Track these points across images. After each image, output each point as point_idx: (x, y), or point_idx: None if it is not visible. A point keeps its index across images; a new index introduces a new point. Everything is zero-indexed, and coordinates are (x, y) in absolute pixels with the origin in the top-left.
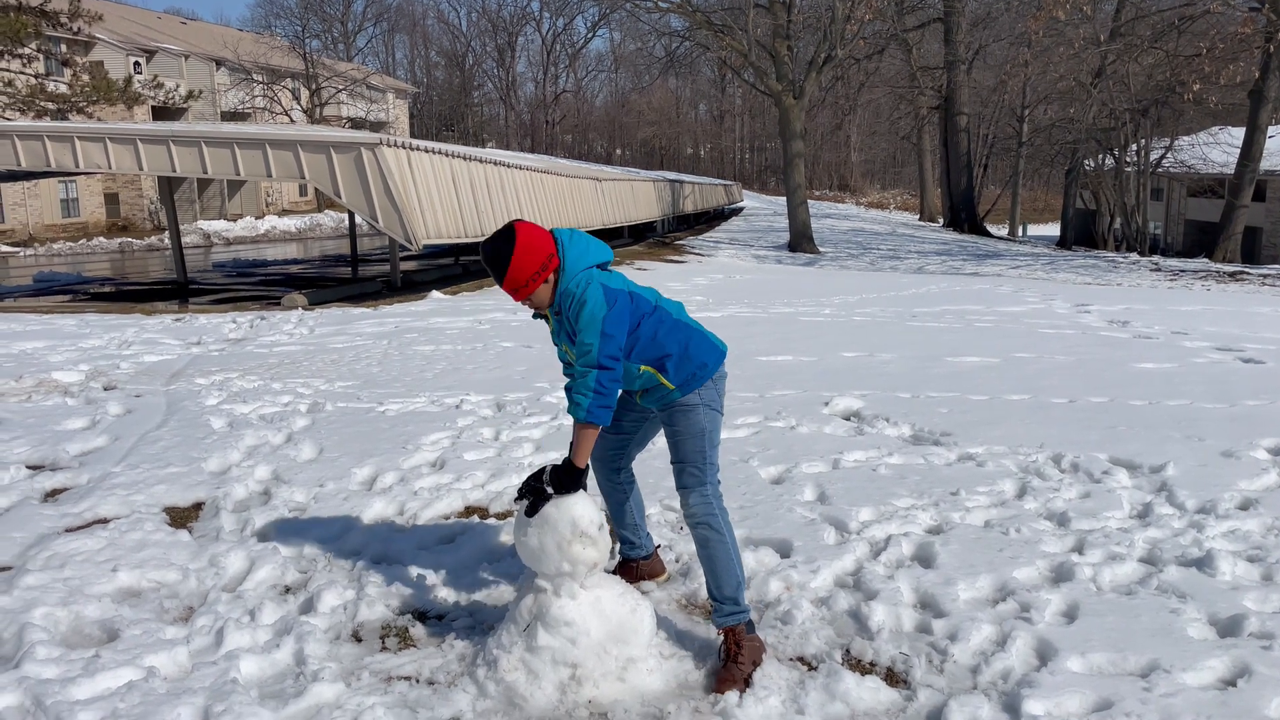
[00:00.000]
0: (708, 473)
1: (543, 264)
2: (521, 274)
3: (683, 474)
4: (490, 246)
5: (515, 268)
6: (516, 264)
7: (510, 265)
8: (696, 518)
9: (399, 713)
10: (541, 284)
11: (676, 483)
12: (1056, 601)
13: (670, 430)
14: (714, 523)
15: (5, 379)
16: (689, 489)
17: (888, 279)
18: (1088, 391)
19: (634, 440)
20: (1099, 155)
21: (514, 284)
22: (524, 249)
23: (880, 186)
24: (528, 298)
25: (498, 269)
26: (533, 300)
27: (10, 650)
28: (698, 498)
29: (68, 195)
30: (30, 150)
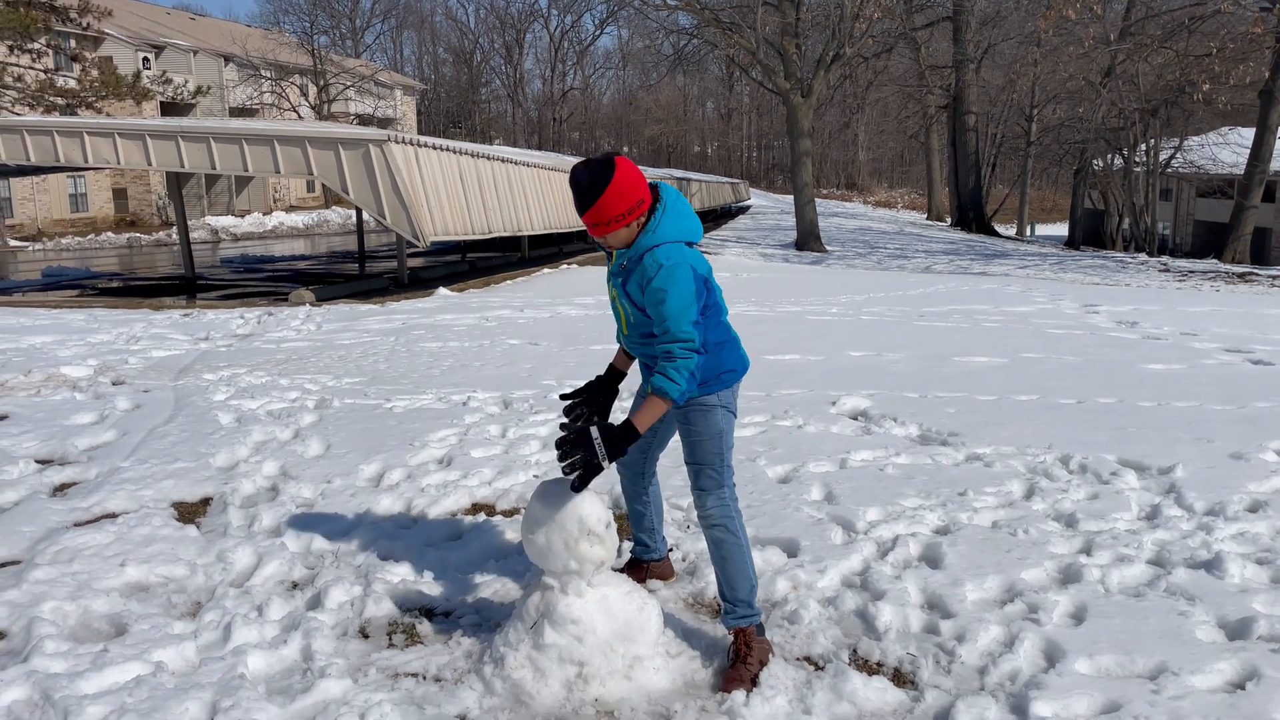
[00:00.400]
0: (725, 475)
1: (631, 207)
2: (607, 210)
3: (700, 476)
4: (585, 172)
5: (604, 201)
6: (607, 198)
7: (600, 197)
8: (713, 520)
9: (406, 709)
10: (623, 227)
11: (693, 484)
12: (1064, 603)
13: (687, 430)
14: (730, 525)
15: (14, 373)
16: (706, 491)
17: (895, 278)
18: (1096, 392)
19: (655, 444)
20: (1108, 155)
21: (596, 218)
22: (620, 185)
23: (887, 185)
24: (603, 236)
25: (586, 198)
26: (607, 240)
27: (19, 644)
28: (715, 500)
29: (76, 190)
30: (39, 145)
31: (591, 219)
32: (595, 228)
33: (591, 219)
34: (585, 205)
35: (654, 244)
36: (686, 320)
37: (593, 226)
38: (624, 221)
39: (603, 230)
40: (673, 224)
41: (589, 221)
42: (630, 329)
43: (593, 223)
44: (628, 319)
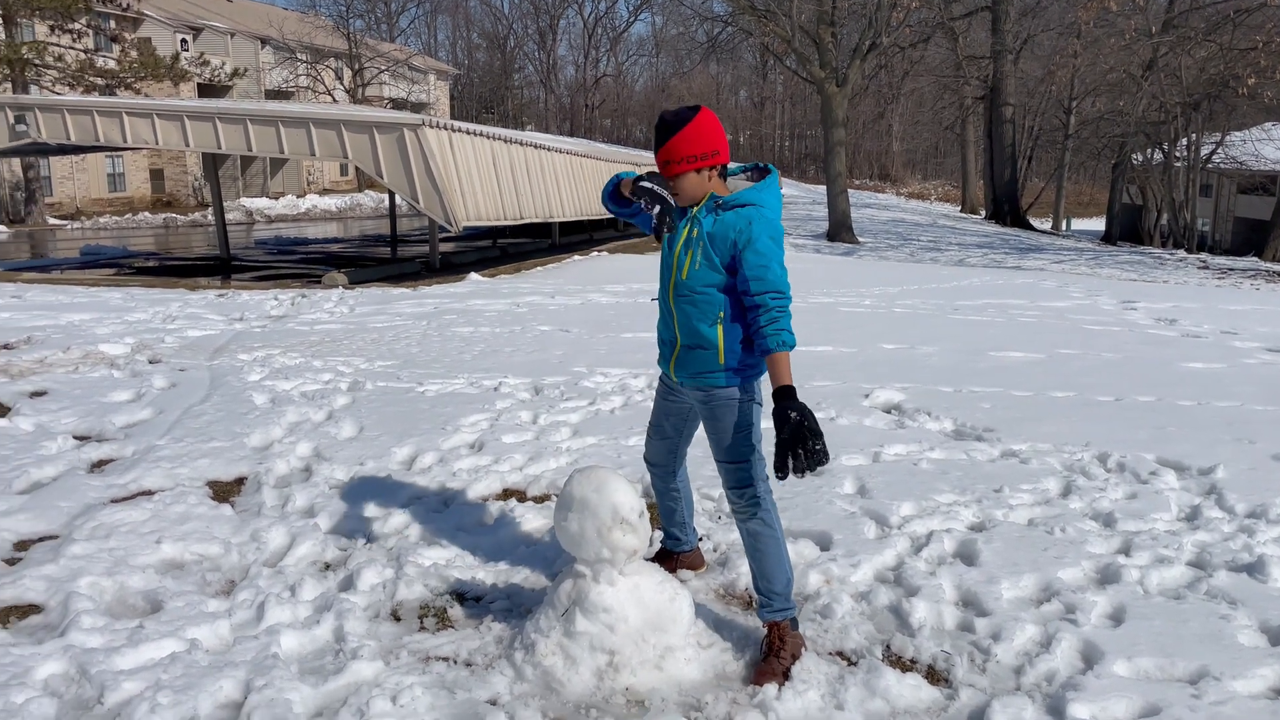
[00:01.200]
0: (759, 468)
1: (705, 153)
2: (679, 148)
3: (735, 473)
4: (672, 111)
5: (679, 139)
6: (683, 135)
7: (677, 134)
8: (750, 513)
9: (437, 693)
10: (692, 171)
11: (728, 481)
12: (1102, 604)
13: (716, 426)
14: (767, 518)
15: (53, 350)
16: (740, 488)
17: (928, 271)
18: (1134, 390)
19: (681, 440)
20: (1147, 149)
21: (668, 154)
22: (698, 127)
23: (921, 177)
24: (674, 177)
25: (666, 132)
26: (678, 183)
27: (56, 618)
28: (750, 495)
29: (114, 170)
30: (79, 125)
31: (664, 155)
32: (665, 166)
33: (664, 155)
34: (664, 138)
35: (760, 203)
36: (783, 272)
37: (663, 165)
38: (693, 164)
39: (672, 169)
40: (773, 198)
41: (661, 159)
42: (691, 275)
43: (664, 160)
44: (693, 263)
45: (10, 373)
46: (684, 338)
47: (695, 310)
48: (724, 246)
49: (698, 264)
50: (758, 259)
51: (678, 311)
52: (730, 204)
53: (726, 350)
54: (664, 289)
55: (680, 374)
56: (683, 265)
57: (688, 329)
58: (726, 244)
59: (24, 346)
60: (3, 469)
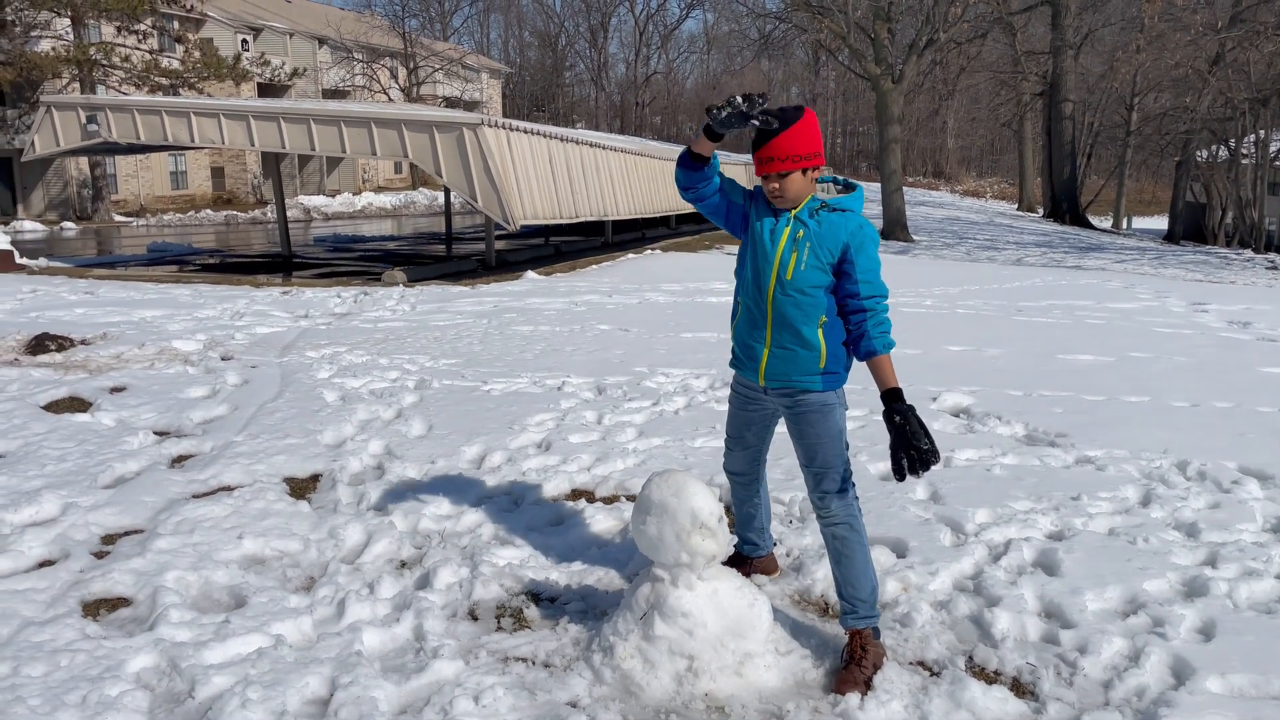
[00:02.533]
0: (848, 476)
1: (813, 152)
2: (787, 145)
3: (824, 479)
4: (781, 109)
5: (789, 135)
6: (794, 132)
7: (787, 130)
8: (838, 519)
9: (518, 694)
10: (798, 170)
11: (815, 488)
12: (1191, 617)
13: (807, 432)
14: (855, 524)
15: (129, 346)
16: (830, 494)
17: (987, 270)
18: (1211, 396)
19: (764, 447)
20: (1213, 146)
21: (776, 151)
22: (807, 126)
23: (976, 174)
24: (779, 174)
25: (770, 132)
26: (784, 183)
27: (144, 611)
28: (840, 502)
29: (177, 168)
30: (149, 124)
31: (770, 151)
32: (772, 162)
33: (770, 151)
34: (767, 136)
35: (858, 212)
36: (881, 277)
37: (768, 161)
38: (800, 164)
39: (778, 166)
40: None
41: (767, 155)
42: (797, 275)
43: (770, 156)
44: (799, 264)
45: (89, 368)
46: (781, 339)
47: (799, 312)
48: (834, 247)
49: (804, 264)
50: (869, 263)
51: (776, 312)
52: (836, 207)
53: (829, 354)
54: (758, 289)
55: (770, 379)
56: (787, 264)
57: (788, 330)
58: (837, 245)
59: (100, 342)
60: (88, 463)
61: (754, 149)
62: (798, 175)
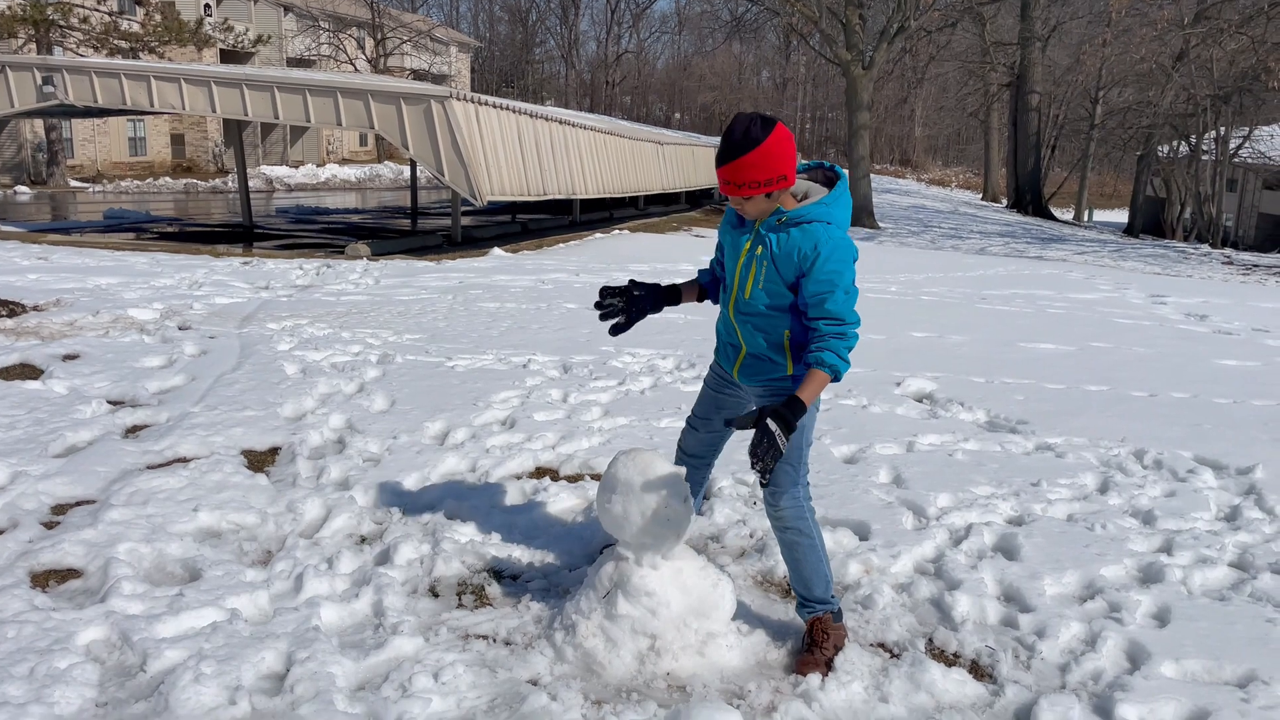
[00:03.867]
0: (800, 473)
1: (771, 178)
2: (745, 171)
3: (780, 474)
4: (741, 125)
5: (747, 160)
6: (752, 158)
7: (745, 155)
8: (786, 522)
9: (478, 671)
10: (759, 195)
11: (771, 481)
12: (1147, 603)
13: None
14: (804, 526)
15: (83, 313)
16: (781, 489)
17: (951, 258)
18: (1169, 386)
19: (727, 435)
20: (1174, 142)
21: (732, 175)
22: (771, 149)
23: (943, 163)
24: (737, 199)
25: (730, 151)
26: (742, 206)
27: (96, 583)
28: (789, 500)
29: (135, 134)
30: (107, 88)
31: (727, 174)
32: (728, 186)
33: (727, 174)
34: (727, 158)
35: (827, 220)
36: (853, 303)
37: (725, 184)
38: (759, 190)
39: (734, 191)
40: (843, 211)
41: (724, 177)
42: (754, 295)
43: (727, 179)
44: (755, 283)
45: (41, 335)
46: (752, 348)
47: (759, 331)
48: (789, 267)
49: (760, 284)
50: (818, 286)
51: (740, 326)
52: (797, 220)
53: (795, 363)
54: (724, 304)
55: (745, 379)
56: (744, 285)
57: (753, 343)
58: (792, 265)
59: (54, 309)
60: (39, 431)
61: (716, 165)
62: (759, 199)
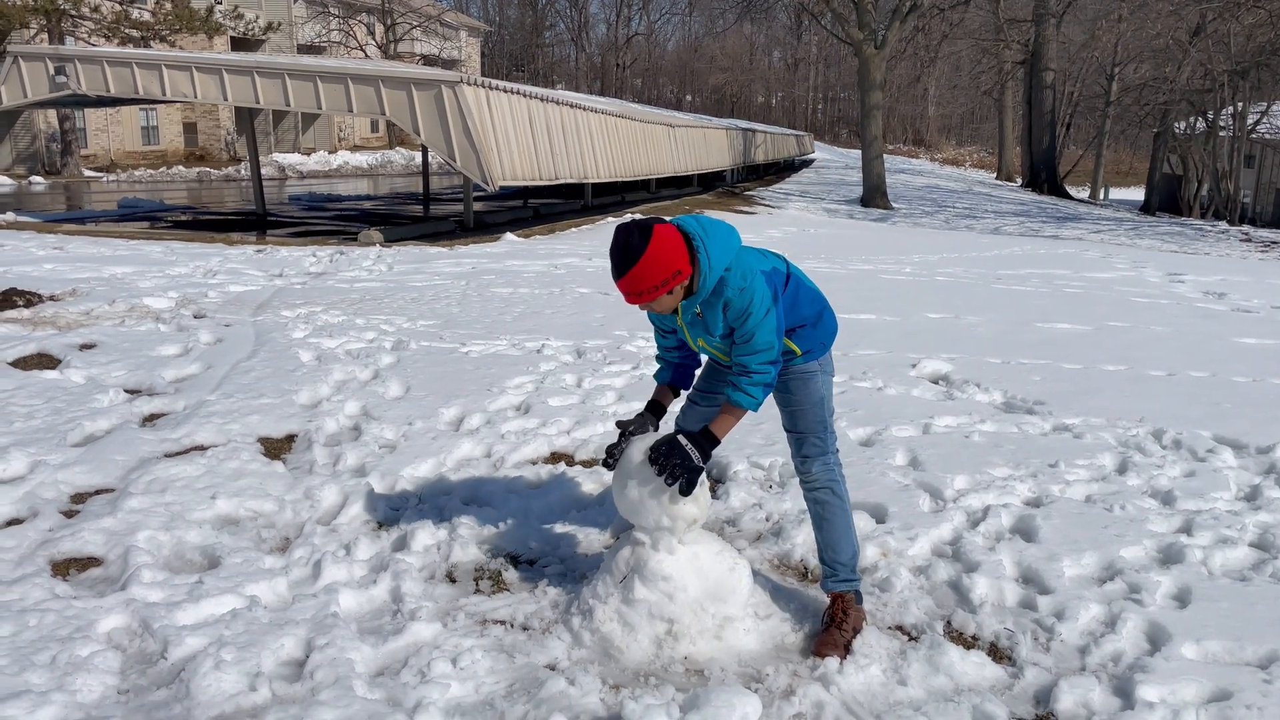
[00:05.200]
0: (829, 441)
1: (667, 278)
2: (642, 279)
3: (804, 444)
4: (622, 238)
5: (639, 270)
6: (642, 267)
7: (635, 266)
8: (819, 483)
9: (496, 656)
10: (663, 294)
11: (796, 452)
12: (1167, 584)
13: (787, 399)
14: (837, 488)
15: (99, 302)
16: (811, 458)
17: (965, 238)
18: (1187, 365)
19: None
20: (1191, 118)
21: (631, 286)
22: (655, 254)
23: (956, 143)
24: (645, 304)
25: (622, 263)
26: (651, 308)
27: (116, 571)
28: (820, 466)
29: (148, 123)
30: (119, 77)
31: (624, 288)
32: (631, 296)
33: (624, 288)
34: (617, 275)
35: (718, 276)
36: (769, 330)
37: (630, 295)
38: (661, 290)
39: (639, 299)
40: (718, 249)
41: (625, 289)
42: (712, 351)
43: (629, 290)
44: (709, 346)
45: (58, 325)
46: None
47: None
48: (718, 322)
49: (717, 350)
50: (743, 330)
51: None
52: (706, 294)
53: (799, 343)
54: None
55: None
56: (701, 348)
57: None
58: (719, 319)
59: (70, 299)
60: (57, 421)
61: (614, 280)
62: (662, 296)
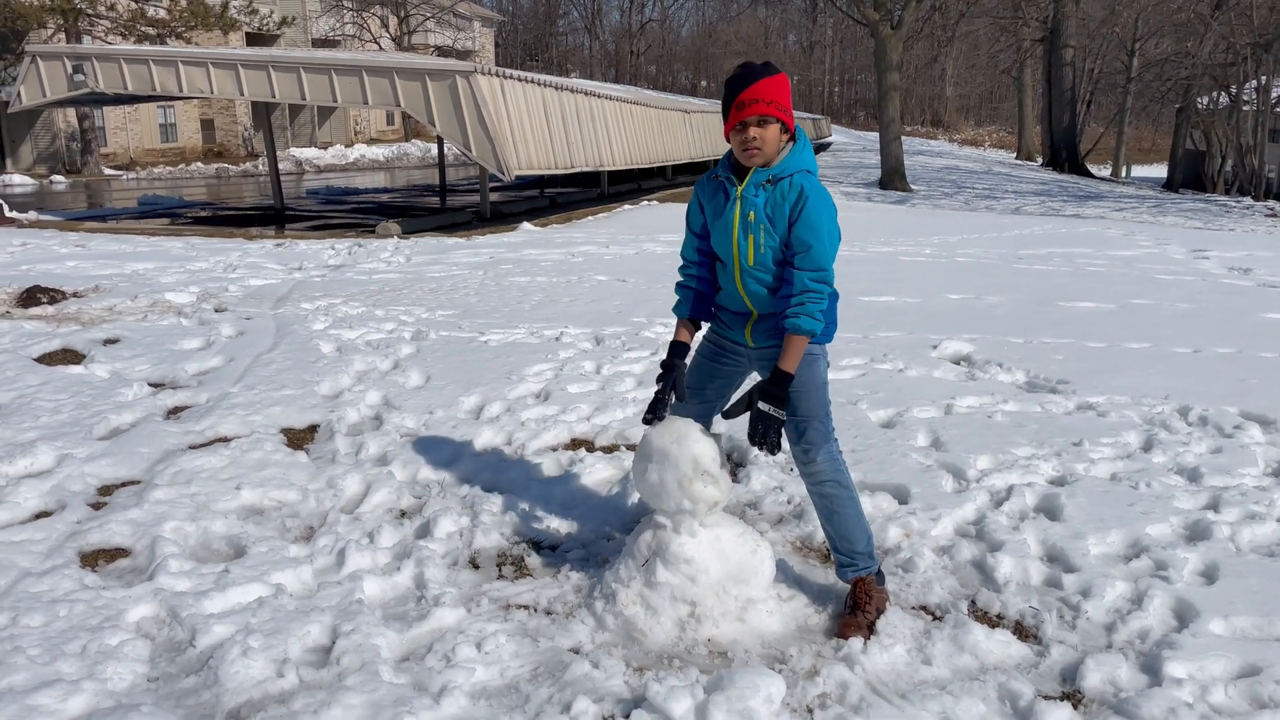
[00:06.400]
0: (830, 428)
1: (788, 105)
2: (770, 89)
3: (808, 430)
4: (753, 63)
5: (770, 81)
6: (776, 79)
7: (767, 77)
8: (824, 475)
9: (520, 641)
10: (776, 119)
11: (798, 439)
12: (1194, 561)
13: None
14: (842, 479)
15: (122, 298)
16: (815, 445)
17: (985, 219)
18: (1212, 341)
19: (720, 404)
20: (1214, 93)
21: (759, 93)
22: (784, 79)
23: (975, 122)
24: (760, 119)
25: (758, 71)
26: (764, 132)
27: (143, 562)
28: (825, 455)
29: (166, 120)
30: (136, 74)
31: (755, 93)
32: (756, 104)
33: (755, 93)
34: (748, 80)
35: (808, 169)
36: (829, 247)
37: (751, 104)
38: (779, 110)
39: (762, 109)
40: (813, 160)
41: (751, 96)
42: (757, 260)
43: (755, 97)
44: (756, 249)
45: (82, 320)
46: (761, 310)
47: (770, 290)
48: (783, 222)
49: (762, 248)
50: (805, 231)
51: (749, 292)
52: (781, 175)
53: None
54: (727, 274)
55: (760, 340)
56: (745, 251)
57: (765, 304)
58: (784, 218)
59: (93, 295)
60: (83, 415)
61: (733, 95)
62: (776, 128)
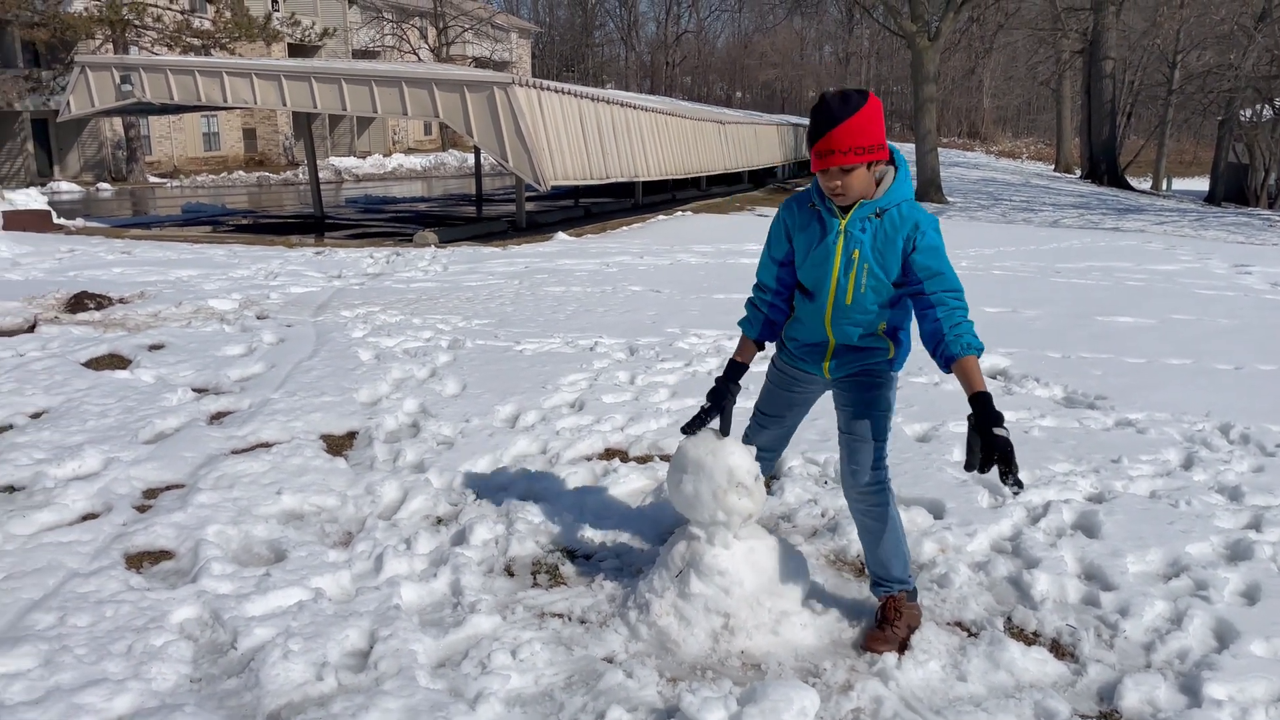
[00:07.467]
0: (884, 453)
1: (876, 144)
2: (856, 134)
3: (861, 452)
4: (838, 94)
5: (851, 124)
6: (857, 120)
7: (848, 119)
8: (871, 501)
9: (554, 649)
10: (862, 164)
11: (853, 458)
12: (1235, 581)
13: (862, 399)
14: (893, 501)
15: (166, 304)
16: (865, 469)
17: (1023, 231)
18: (1255, 359)
19: (798, 424)
20: (1257, 105)
21: (844, 141)
22: (871, 113)
23: (1012, 134)
24: (842, 169)
25: (841, 111)
26: (847, 180)
27: (187, 564)
28: (873, 479)
29: (209, 130)
30: (182, 85)
31: (831, 143)
32: (833, 155)
33: (831, 143)
34: (828, 125)
35: (912, 198)
36: (953, 270)
37: (828, 154)
38: (863, 156)
39: (839, 159)
40: (912, 188)
41: (826, 147)
42: (856, 300)
43: (830, 149)
44: (857, 288)
45: (128, 326)
46: (841, 341)
47: (862, 329)
48: (894, 256)
49: (863, 288)
50: (929, 258)
51: (836, 330)
52: (887, 207)
53: (899, 352)
54: (815, 310)
55: (839, 371)
56: (845, 289)
57: (847, 337)
58: (896, 252)
59: (138, 301)
60: (129, 419)
61: (811, 141)
62: (862, 170)
